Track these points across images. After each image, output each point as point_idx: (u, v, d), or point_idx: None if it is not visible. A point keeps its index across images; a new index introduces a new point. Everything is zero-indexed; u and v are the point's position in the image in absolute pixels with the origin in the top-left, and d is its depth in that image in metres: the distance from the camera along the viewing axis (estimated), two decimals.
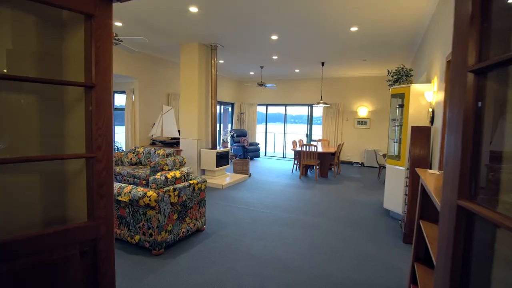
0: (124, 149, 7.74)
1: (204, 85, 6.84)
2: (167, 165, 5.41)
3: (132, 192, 3.11)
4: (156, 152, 6.02)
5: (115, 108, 8.15)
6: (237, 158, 10.44)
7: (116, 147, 7.34)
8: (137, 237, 3.21)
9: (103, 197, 1.74)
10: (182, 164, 5.82)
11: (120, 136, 8.19)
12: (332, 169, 8.65)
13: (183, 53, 6.78)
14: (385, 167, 7.94)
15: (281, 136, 11.90)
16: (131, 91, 7.38)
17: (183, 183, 3.44)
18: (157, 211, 3.07)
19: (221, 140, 10.38)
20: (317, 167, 7.52)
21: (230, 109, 11.95)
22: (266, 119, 11.95)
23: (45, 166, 1.74)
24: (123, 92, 7.71)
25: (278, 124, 11.73)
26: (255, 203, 5.19)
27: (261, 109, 12.05)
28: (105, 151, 1.73)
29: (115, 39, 4.15)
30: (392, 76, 4.76)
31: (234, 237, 3.65)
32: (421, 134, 3.63)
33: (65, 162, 1.80)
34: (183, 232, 3.44)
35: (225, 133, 10.30)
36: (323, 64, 8.29)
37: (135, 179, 5.46)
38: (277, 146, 14.09)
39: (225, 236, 3.69)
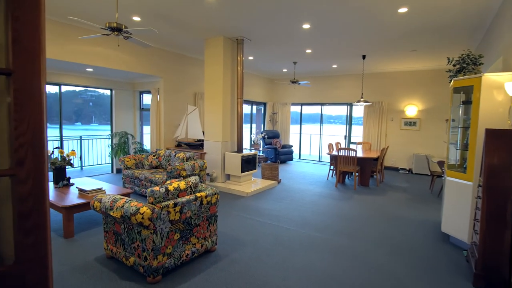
0: (150, 151, 7.51)
1: (230, 82, 6.31)
2: (184, 170, 4.96)
3: (124, 207, 2.62)
4: (176, 155, 5.61)
5: (142, 108, 7.98)
6: (269, 161, 9.80)
7: (141, 149, 7.12)
8: (132, 259, 2.72)
9: (29, 233, 1.19)
10: (202, 169, 5.34)
11: (147, 137, 8.00)
12: (374, 176, 7.63)
13: (207, 48, 6.32)
14: (440, 177, 6.74)
15: (317, 138, 11.02)
16: (156, 91, 7.11)
17: (188, 196, 2.88)
18: (152, 231, 2.54)
19: (252, 142, 9.83)
20: (356, 174, 6.60)
21: (262, 109, 11.35)
22: (301, 119, 11.15)
23: None
24: (149, 92, 7.48)
25: (315, 124, 10.90)
26: (281, 216, 4.50)
27: (296, 109, 11.27)
28: (30, 169, 1.17)
29: (124, 32, 3.75)
30: (454, 66, 3.78)
31: (249, 264, 3.01)
32: (500, 140, 2.67)
33: None
34: (187, 254, 2.88)
35: (256, 134, 9.73)
36: (364, 57, 7.32)
37: (152, 184, 5.08)
38: (313, 148, 13.18)
39: (238, 261, 3.07)
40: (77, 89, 10.83)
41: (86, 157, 8.15)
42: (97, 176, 7.03)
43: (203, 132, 6.85)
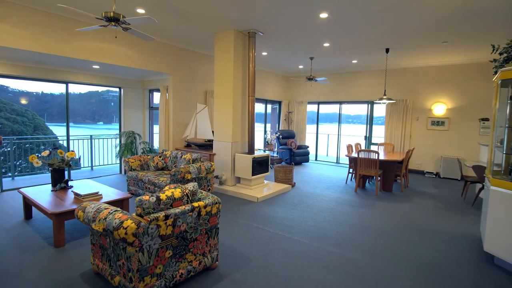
0: (159, 151, 7.24)
1: (241, 79, 5.90)
2: (189, 173, 4.59)
3: (107, 219, 2.26)
4: (183, 157, 5.27)
5: (151, 107, 7.73)
6: (283, 162, 9.34)
7: (149, 149, 6.85)
8: (117, 279, 2.36)
9: None
10: (209, 171, 4.96)
11: (157, 137, 7.74)
12: (398, 180, 7.01)
13: (217, 43, 5.94)
14: (474, 183, 6.07)
15: (335, 138, 10.43)
16: (165, 89, 6.81)
17: (183, 207, 2.49)
18: (138, 249, 2.16)
19: (266, 142, 9.39)
20: (378, 178, 6.02)
21: (277, 108, 10.88)
22: (318, 118, 10.59)
23: None
24: (158, 90, 7.20)
25: (333, 124, 10.32)
26: (294, 226, 4.04)
27: (313, 108, 10.72)
28: None
29: (122, 22, 3.42)
30: (500, 54, 3.19)
31: (254, 286, 2.58)
32: None
33: None
34: (181, 274, 2.49)
35: (271, 134, 9.27)
36: (387, 50, 6.71)
37: (156, 188, 4.75)
38: (331, 149, 12.58)
39: (241, 282, 2.64)
40: (100, 89, 10.77)
41: (96, 157, 8.00)
42: (105, 177, 6.83)
43: (213, 132, 6.49)
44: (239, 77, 5.85)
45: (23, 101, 11.98)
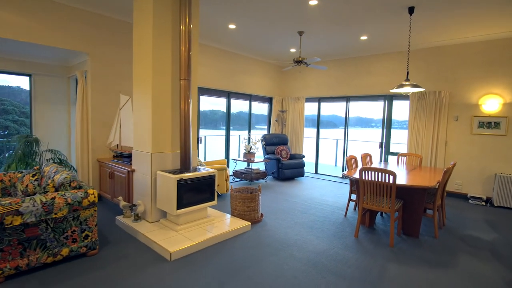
0: (74, 163, 5.19)
1: (170, 55, 3.72)
2: (19, 214, 2.42)
3: None
4: (54, 177, 3.14)
5: None
6: (269, 177, 7.04)
7: (58, 160, 4.79)
8: None
9: None
10: (81, 206, 2.79)
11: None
12: (427, 214, 4.51)
13: (135, 0, 3.82)
14: None
15: (339, 145, 7.97)
16: (83, 75, 4.77)
17: None
18: None
19: (245, 151, 7.10)
20: (396, 214, 3.60)
21: (268, 106, 8.59)
22: (318, 118, 8.17)
23: None
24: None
25: (340, 129, 7.87)
26: None
27: (313, 107, 8.32)
28: None
29: None
30: None
31: None
32: None
33: None
34: None
35: (249, 140, 6.97)
36: (411, 10, 4.28)
37: None
38: (337, 159, 10.10)
39: None
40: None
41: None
42: None
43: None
44: (165, 51, 3.66)
45: None
